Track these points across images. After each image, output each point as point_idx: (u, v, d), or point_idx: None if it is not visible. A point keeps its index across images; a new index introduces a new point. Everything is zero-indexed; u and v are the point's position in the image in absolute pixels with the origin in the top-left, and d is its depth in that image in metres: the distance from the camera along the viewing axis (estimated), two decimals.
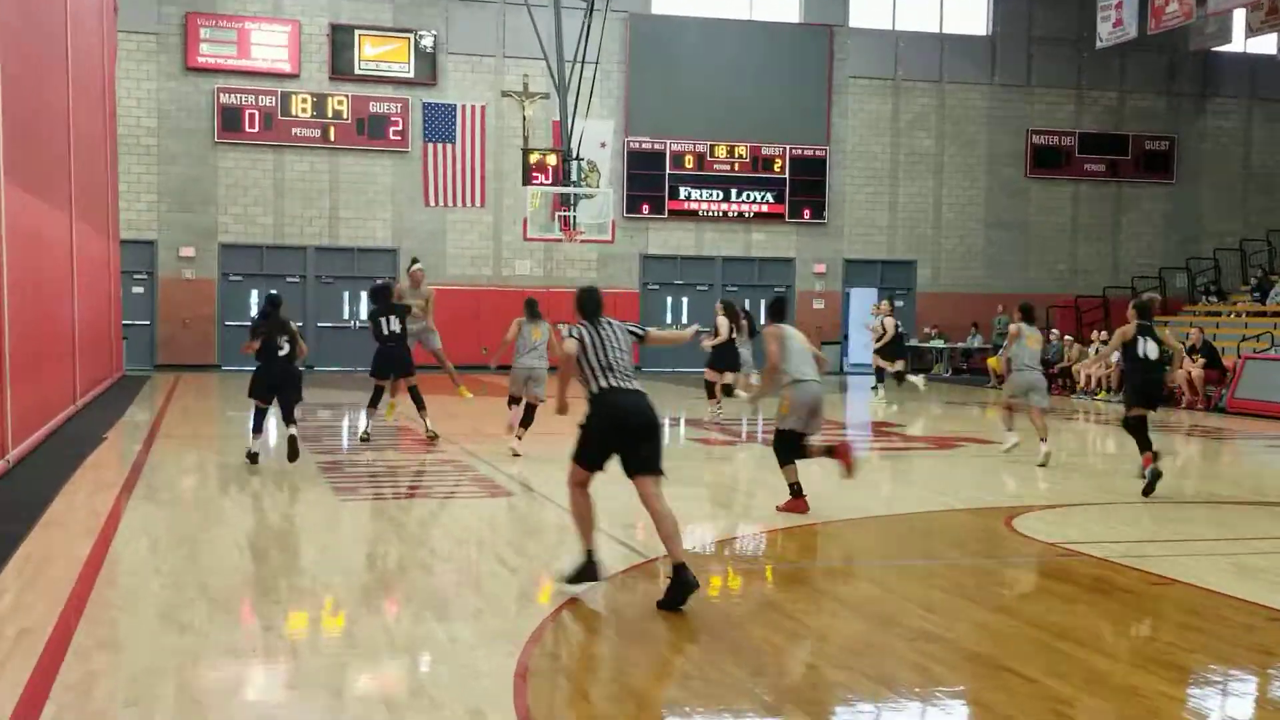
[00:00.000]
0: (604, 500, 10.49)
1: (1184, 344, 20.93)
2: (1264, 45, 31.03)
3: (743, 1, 29.82)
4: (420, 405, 14.20)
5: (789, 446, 9.78)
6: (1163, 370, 11.47)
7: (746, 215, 30.00)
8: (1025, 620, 6.63)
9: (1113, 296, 30.58)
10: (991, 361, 27.43)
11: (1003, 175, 31.56)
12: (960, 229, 31.45)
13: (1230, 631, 6.51)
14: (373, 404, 14.52)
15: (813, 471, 10.04)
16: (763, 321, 11.71)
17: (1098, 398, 23.47)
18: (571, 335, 7.12)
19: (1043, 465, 12.78)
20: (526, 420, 13.37)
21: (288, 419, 12.20)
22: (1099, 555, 8.37)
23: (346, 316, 28.31)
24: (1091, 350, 24.91)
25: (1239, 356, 21.92)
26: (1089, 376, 24.27)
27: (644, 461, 7.03)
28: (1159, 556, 8.31)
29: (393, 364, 14.10)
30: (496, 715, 4.93)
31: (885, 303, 24.63)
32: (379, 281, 16.67)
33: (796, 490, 9.70)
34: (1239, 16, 27.24)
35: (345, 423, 17.43)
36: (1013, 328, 13.53)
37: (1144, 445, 11.16)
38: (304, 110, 27.39)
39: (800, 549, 8.87)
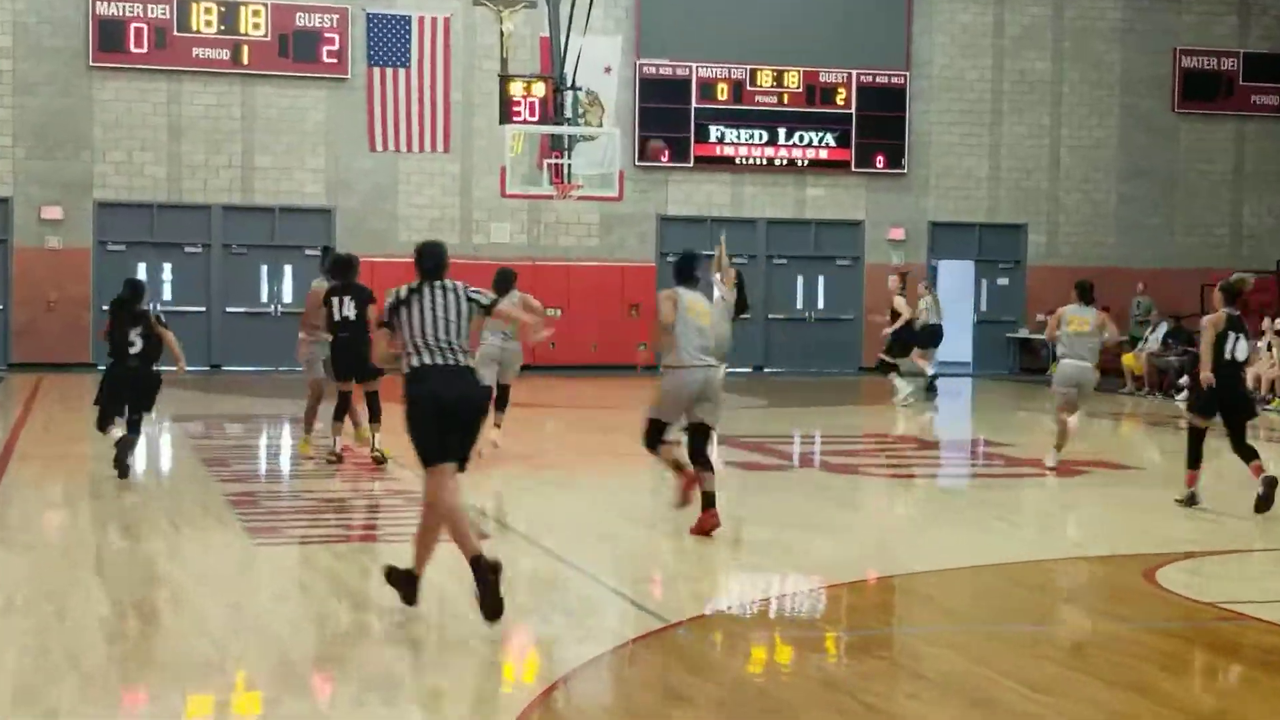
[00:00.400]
0: (612, 546, 10.47)
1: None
2: None
3: None
4: (375, 416, 14.12)
5: (653, 438, 10.55)
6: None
7: (799, 164, 29.96)
8: (1171, 704, 6.60)
9: None
10: (1127, 359, 27.32)
11: (1142, 110, 31.48)
12: (1085, 182, 31.36)
13: None
14: (339, 415, 14.35)
15: (882, 503, 10.02)
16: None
17: (1270, 407, 23.18)
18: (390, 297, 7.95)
19: (1052, 469, 13.95)
20: (500, 402, 13.95)
21: (132, 430, 12.75)
22: (1271, 619, 8.33)
23: (265, 299, 28.33)
24: (1263, 346, 24.52)
25: None
26: (1258, 378, 24.06)
27: (449, 449, 7.76)
28: None
29: (352, 361, 13.67)
30: None
31: (895, 277, 24.61)
32: (340, 252, 16.52)
33: (681, 467, 10.52)
34: None
35: (262, 440, 17.43)
36: (1059, 310, 13.95)
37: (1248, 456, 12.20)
38: (208, 24, 27.38)
39: (871, 610, 8.86)
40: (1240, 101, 31.80)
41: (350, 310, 13.76)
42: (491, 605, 7.31)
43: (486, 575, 7.36)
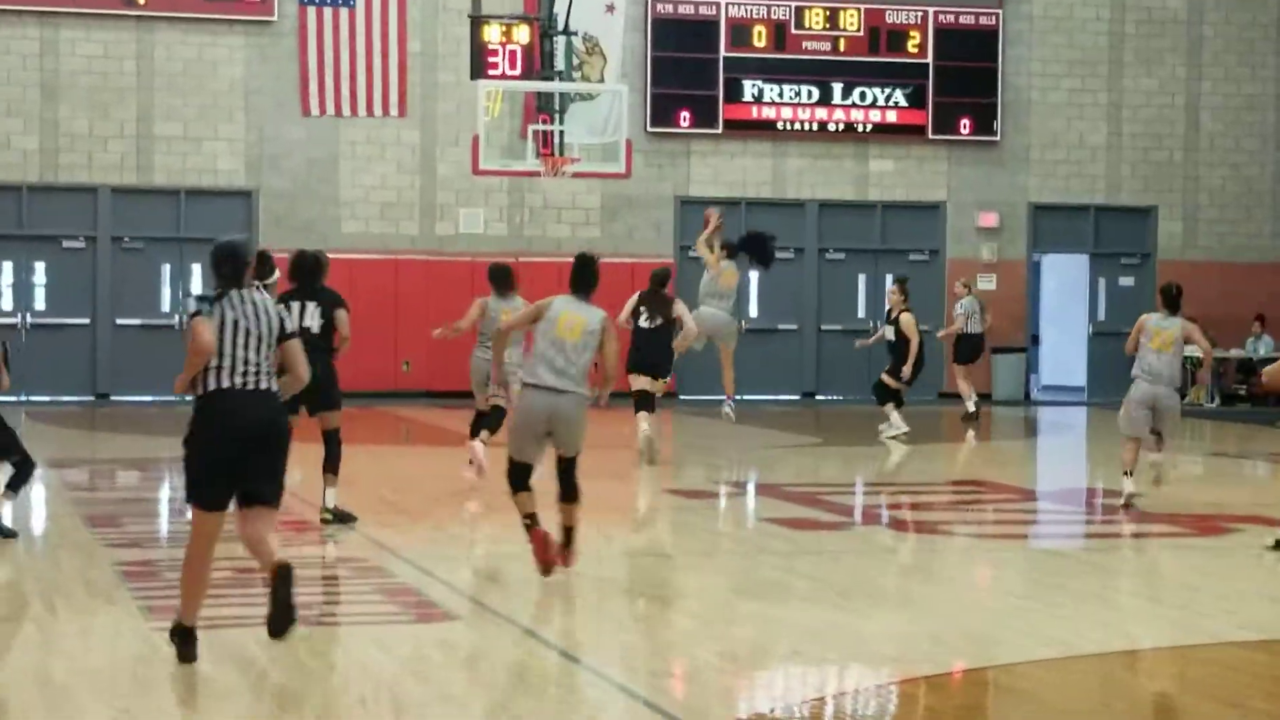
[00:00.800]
0: (604, 624, 10.42)
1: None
2: None
3: None
4: (332, 463, 13.70)
5: (514, 479, 11.10)
6: None
7: (861, 129, 30.07)
8: None
9: None
10: None
11: None
12: (1234, 153, 31.41)
13: None
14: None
15: (969, 572, 9.87)
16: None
17: None
18: (200, 310, 8.41)
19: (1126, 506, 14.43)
20: (493, 425, 14.44)
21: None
22: None
23: (166, 308, 28.36)
24: None
25: None
26: None
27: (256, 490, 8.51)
28: None
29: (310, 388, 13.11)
30: None
31: (896, 287, 24.25)
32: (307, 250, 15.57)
33: (530, 523, 11.06)
34: None
35: (163, 491, 17.41)
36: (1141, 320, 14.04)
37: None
38: None
39: (956, 712, 8.80)
40: None
41: (314, 321, 13.47)
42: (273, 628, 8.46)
43: (280, 606, 8.39)
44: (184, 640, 8.69)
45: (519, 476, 11.05)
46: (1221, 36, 31.26)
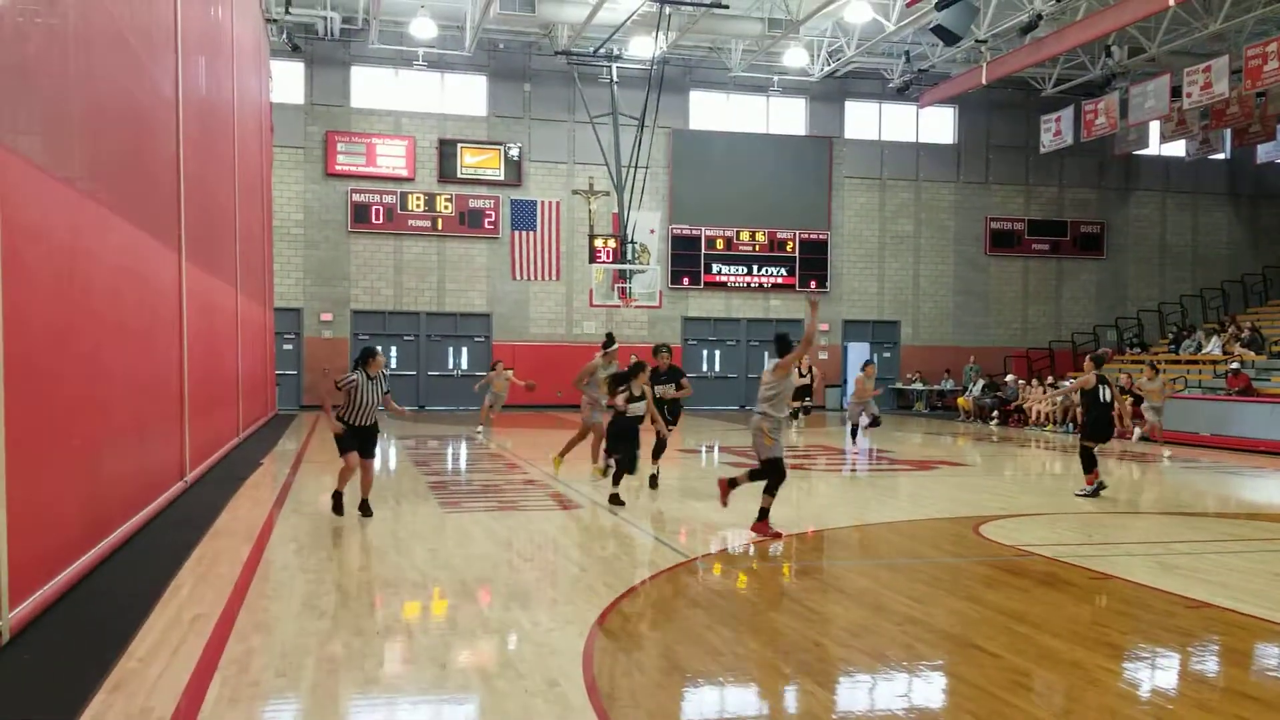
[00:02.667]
0: (648, 512, 10.43)
1: (1117, 386, 20.55)
2: (1174, 149, 30.72)
3: (761, 119, 29.93)
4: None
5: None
6: (1111, 409, 12.17)
7: (765, 286, 29.95)
8: (990, 607, 6.52)
9: (1056, 349, 30.29)
10: (961, 401, 27.14)
11: (967, 253, 31.33)
12: (934, 296, 31.23)
13: (1155, 617, 6.37)
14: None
15: (820, 487, 9.87)
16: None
17: (1045, 429, 23.13)
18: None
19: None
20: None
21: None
22: (1049, 555, 8.22)
23: (450, 367, 28.48)
24: (1040, 391, 24.62)
25: (1163, 395, 21.49)
26: (1039, 412, 23.99)
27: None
28: (1097, 556, 8.16)
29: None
30: (569, 684, 4.91)
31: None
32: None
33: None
34: (1154, 127, 27.05)
35: (449, 448, 17.45)
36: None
37: (1089, 468, 11.97)
38: (418, 206, 27.73)
39: (811, 550, 8.79)
40: (1026, 248, 31.61)
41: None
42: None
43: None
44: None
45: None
46: (928, 244, 31.10)
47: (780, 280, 29.94)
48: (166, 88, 10.41)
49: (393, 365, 27.95)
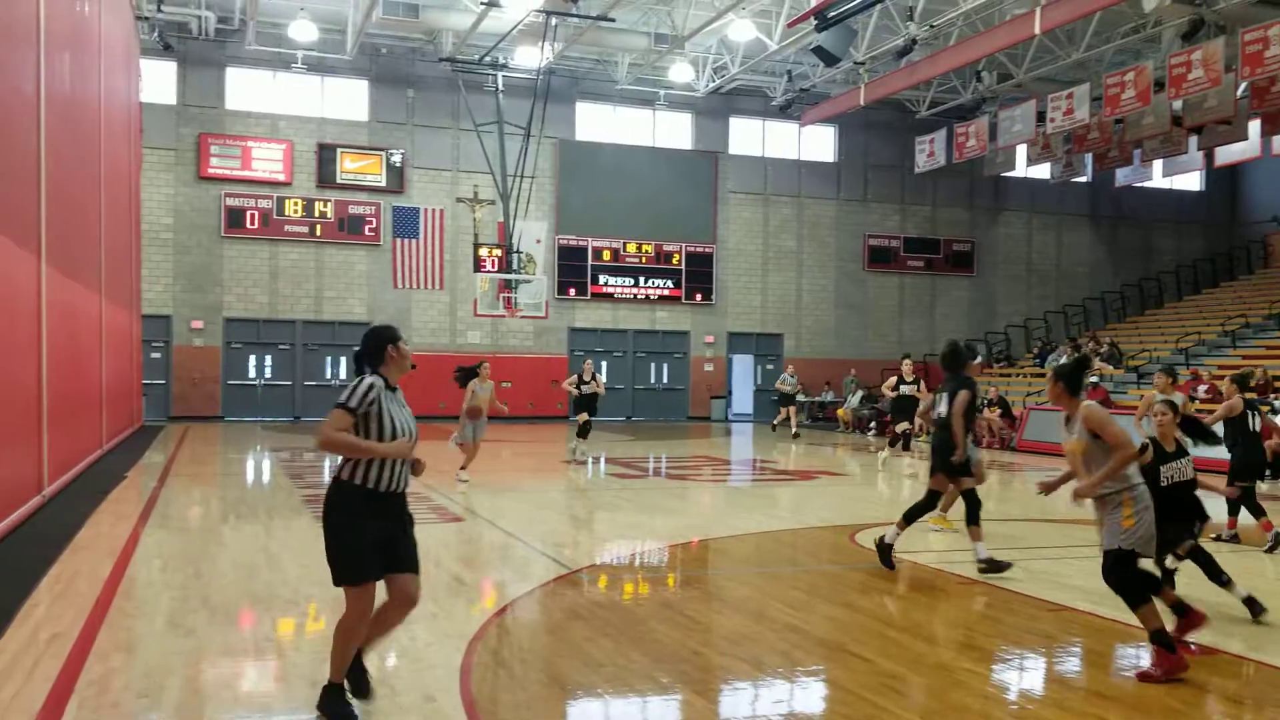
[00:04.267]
0: (532, 523, 10.40)
1: (984, 399, 21.37)
2: (1040, 172, 32.13)
3: (647, 132, 30.19)
4: (972, 517, 8.53)
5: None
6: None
7: (652, 297, 30.15)
8: (864, 613, 6.69)
9: (930, 362, 31.23)
10: (840, 412, 27.82)
11: (847, 269, 32.14)
12: (816, 309, 31.92)
13: (1019, 621, 6.63)
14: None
15: (703, 497, 10.00)
16: None
17: (920, 440, 23.74)
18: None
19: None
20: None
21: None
22: (919, 562, 8.48)
23: (329, 377, 27.83)
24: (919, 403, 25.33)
25: (1025, 408, 22.47)
26: (919, 424, 24.65)
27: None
28: (965, 563, 8.44)
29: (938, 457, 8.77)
30: (446, 699, 4.85)
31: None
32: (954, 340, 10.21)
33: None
34: (1021, 150, 28.26)
35: (328, 463, 17.08)
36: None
37: (1258, 512, 9.45)
38: (295, 211, 27.08)
39: (694, 560, 8.87)
40: (902, 264, 32.60)
41: (943, 407, 8.64)
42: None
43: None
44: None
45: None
46: (810, 259, 31.79)
47: (667, 292, 30.17)
48: (27, 85, 9.95)
49: (267, 375, 27.20)
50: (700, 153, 30.51)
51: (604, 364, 29.85)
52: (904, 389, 16.45)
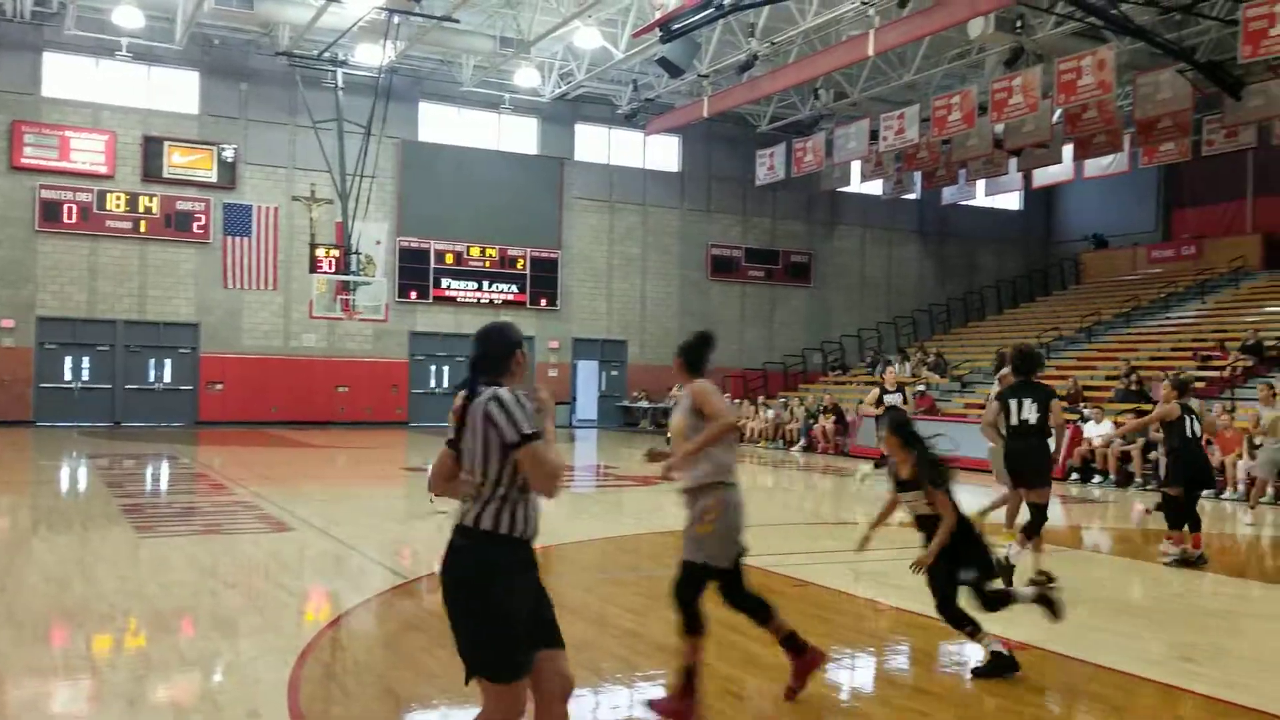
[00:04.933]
0: (369, 532, 10.15)
1: (820, 406, 22.14)
2: (873, 188, 33.41)
3: (493, 135, 29.94)
4: (1034, 530, 8.09)
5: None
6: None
7: (496, 301, 29.85)
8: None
9: (770, 370, 32.10)
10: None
11: (691, 277, 32.65)
12: (660, 316, 32.29)
13: (848, 620, 6.87)
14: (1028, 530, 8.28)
15: (549, 505, 9.96)
16: None
17: (759, 446, 24.45)
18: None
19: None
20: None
21: None
22: (756, 565, 8.65)
23: (151, 380, 26.45)
24: (769, 413, 26.01)
25: (857, 414, 23.31)
26: (753, 429, 25.37)
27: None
28: (799, 565, 8.69)
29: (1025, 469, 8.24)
30: (271, 713, 4.67)
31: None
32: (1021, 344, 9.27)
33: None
34: (856, 166, 29.34)
35: (149, 471, 16.24)
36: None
37: (1181, 524, 9.15)
38: (118, 206, 25.62)
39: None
40: (743, 274, 33.33)
41: (1031, 413, 7.95)
42: None
43: None
44: None
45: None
46: (654, 267, 32.12)
47: (511, 297, 29.98)
48: None
49: (85, 377, 25.68)
50: (546, 158, 30.47)
51: (445, 369, 29.43)
52: (889, 399, 14.47)
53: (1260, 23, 16.26)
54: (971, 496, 6.86)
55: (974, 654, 5.74)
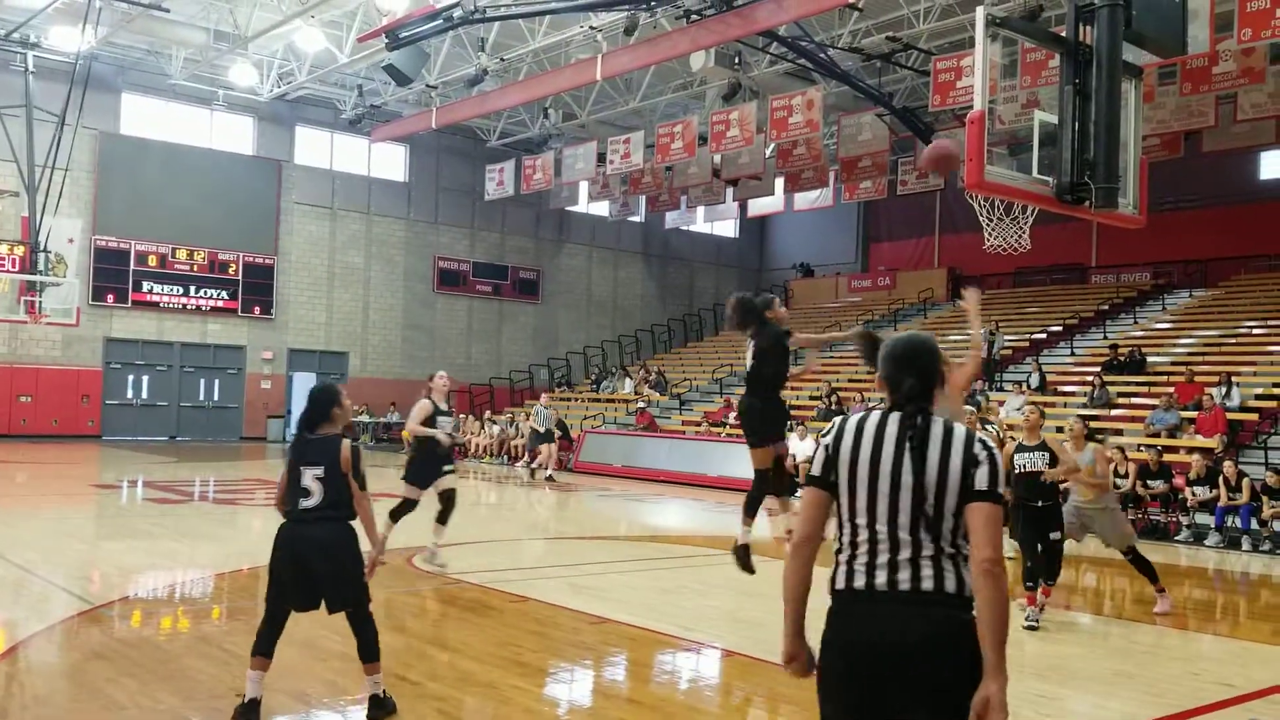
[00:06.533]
0: (51, 554, 9.31)
1: (553, 425, 22.46)
2: (600, 209, 34.26)
3: (205, 132, 28.24)
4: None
5: None
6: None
7: (204, 308, 28.10)
8: (414, 636, 6.73)
9: (496, 385, 32.13)
10: (404, 433, 27.67)
11: (416, 290, 32.15)
12: (384, 329, 31.56)
13: (564, 634, 7.02)
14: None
15: (254, 523, 9.53)
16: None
17: (484, 461, 24.41)
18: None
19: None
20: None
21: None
22: (476, 582, 8.68)
23: None
24: (494, 429, 25.94)
25: (582, 430, 23.80)
26: (478, 445, 25.29)
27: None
28: (519, 580, 8.79)
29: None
30: None
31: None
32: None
33: None
34: (583, 187, 29.96)
35: None
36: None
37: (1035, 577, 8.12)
38: None
39: (241, 590, 8.40)
40: (471, 288, 33.16)
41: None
42: None
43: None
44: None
45: None
46: (378, 278, 31.40)
47: (222, 304, 28.33)
48: None
49: None
50: (263, 159, 29.09)
51: (145, 379, 27.44)
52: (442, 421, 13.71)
53: (948, 75, 18.07)
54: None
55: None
